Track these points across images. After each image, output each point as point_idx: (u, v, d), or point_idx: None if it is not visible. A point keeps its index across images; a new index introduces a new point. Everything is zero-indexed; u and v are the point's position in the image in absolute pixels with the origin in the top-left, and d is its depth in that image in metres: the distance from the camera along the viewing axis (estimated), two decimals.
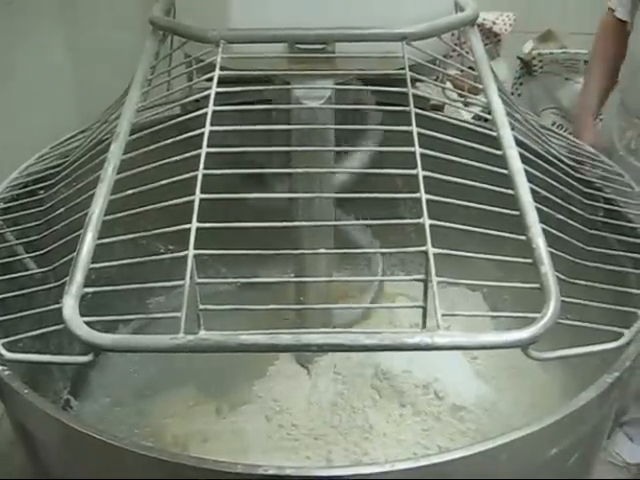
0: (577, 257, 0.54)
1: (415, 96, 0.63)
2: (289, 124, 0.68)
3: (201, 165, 0.54)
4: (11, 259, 0.63)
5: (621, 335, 0.48)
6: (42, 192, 0.69)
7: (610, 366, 0.51)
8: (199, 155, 0.54)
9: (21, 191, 0.72)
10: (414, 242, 0.49)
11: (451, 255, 0.50)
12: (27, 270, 0.63)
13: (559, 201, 0.59)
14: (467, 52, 0.74)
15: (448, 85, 0.97)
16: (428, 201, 0.52)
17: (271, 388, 0.78)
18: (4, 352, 0.48)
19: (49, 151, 0.79)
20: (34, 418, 0.51)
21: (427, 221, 0.50)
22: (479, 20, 1.56)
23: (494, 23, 1.51)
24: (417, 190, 0.52)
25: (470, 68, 0.71)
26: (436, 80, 0.83)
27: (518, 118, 0.69)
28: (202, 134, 0.56)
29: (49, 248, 0.59)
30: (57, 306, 0.47)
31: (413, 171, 0.53)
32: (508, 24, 1.51)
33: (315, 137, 0.70)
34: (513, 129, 0.65)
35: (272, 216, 0.55)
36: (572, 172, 0.66)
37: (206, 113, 0.57)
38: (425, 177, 0.54)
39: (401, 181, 0.68)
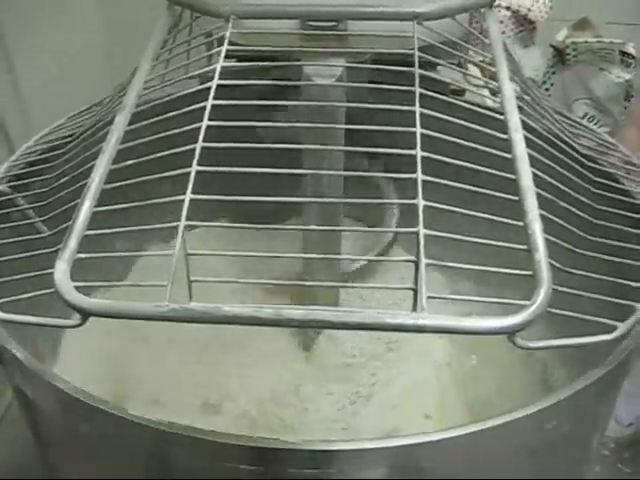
0: (579, 247, 0.53)
1: (433, 80, 0.62)
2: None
3: (200, 137, 0.54)
4: (20, 223, 0.65)
5: (615, 328, 0.47)
6: (54, 160, 0.70)
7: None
8: (199, 128, 0.54)
9: (36, 158, 0.73)
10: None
11: (446, 239, 0.49)
12: (38, 233, 0.64)
13: (565, 189, 0.57)
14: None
15: (473, 70, 0.95)
16: (425, 182, 0.51)
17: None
18: None
19: (65, 121, 0.80)
20: (26, 379, 0.53)
21: (421, 202, 0.49)
22: (514, 7, 1.55)
23: (529, 10, 1.47)
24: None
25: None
26: (458, 65, 0.82)
27: (534, 105, 0.68)
28: (204, 107, 0.56)
29: (51, 215, 0.60)
30: (50, 271, 0.48)
31: (412, 151, 0.53)
32: (544, 11, 1.47)
33: (325, 115, 0.70)
34: (526, 115, 0.65)
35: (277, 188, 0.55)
36: (585, 160, 0.64)
37: (210, 87, 0.57)
38: (427, 159, 0.54)
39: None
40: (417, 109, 0.55)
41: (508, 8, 1.50)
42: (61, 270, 0.47)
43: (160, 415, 0.49)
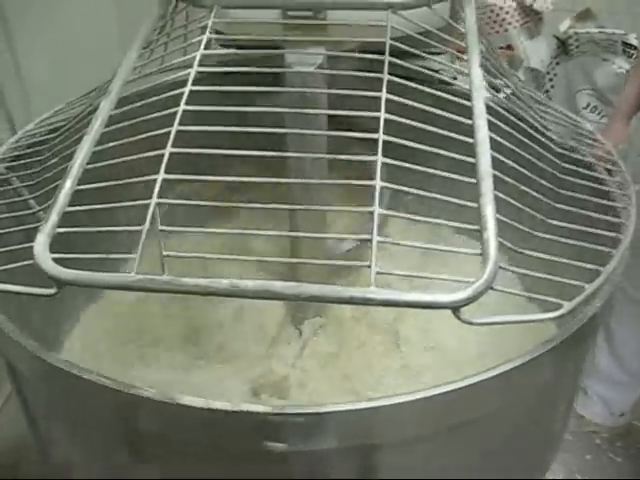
0: (536, 229, 0.55)
1: (421, 69, 0.65)
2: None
3: (176, 122, 0.57)
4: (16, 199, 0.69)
5: (561, 306, 0.49)
6: (49, 142, 0.73)
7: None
8: (175, 113, 0.57)
9: (34, 140, 0.77)
10: None
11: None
12: (30, 209, 0.68)
13: (527, 173, 0.59)
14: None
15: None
16: (385, 165, 0.53)
17: None
18: None
19: (65, 106, 0.83)
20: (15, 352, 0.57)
21: (379, 183, 0.52)
22: None
23: (534, 1, 1.47)
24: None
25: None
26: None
27: (505, 90, 0.70)
28: (182, 93, 0.59)
29: (39, 192, 0.64)
30: (31, 244, 0.51)
31: (374, 135, 0.55)
32: (549, 2, 1.48)
33: (307, 101, 0.73)
34: (498, 102, 0.67)
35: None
36: (552, 145, 0.66)
37: (189, 73, 0.60)
38: (391, 143, 0.56)
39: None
40: (383, 95, 0.58)
41: None
42: (40, 242, 0.51)
43: None
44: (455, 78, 0.85)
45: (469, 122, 0.58)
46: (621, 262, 0.56)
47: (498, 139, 0.58)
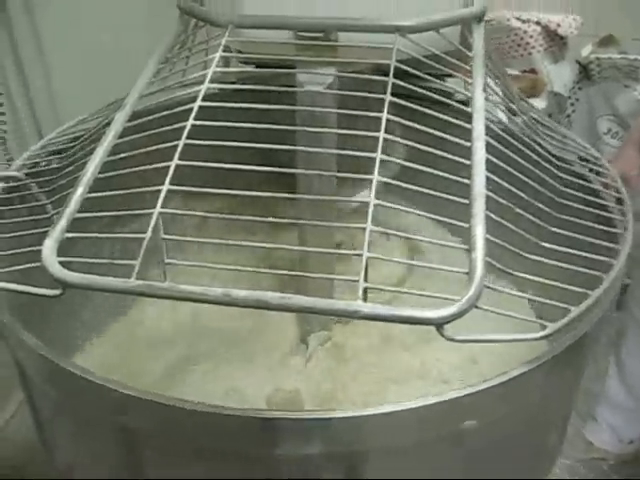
0: (527, 251, 0.56)
1: (438, 90, 0.67)
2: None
3: (184, 136, 0.59)
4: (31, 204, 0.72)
5: (544, 328, 0.50)
6: (68, 151, 0.77)
7: None
8: (184, 127, 0.60)
9: (54, 148, 0.81)
10: None
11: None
12: (46, 213, 0.71)
13: (524, 196, 0.60)
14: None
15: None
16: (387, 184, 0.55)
17: None
18: None
19: (87, 116, 0.87)
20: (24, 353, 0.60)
21: (373, 201, 0.53)
22: (544, 22, 1.56)
23: (559, 25, 1.48)
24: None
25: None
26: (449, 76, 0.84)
27: (507, 111, 0.71)
28: (191, 109, 0.62)
29: (55, 198, 0.67)
30: (39, 248, 0.54)
31: (373, 154, 0.57)
32: (574, 27, 1.48)
33: (317, 120, 0.75)
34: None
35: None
36: (553, 169, 0.67)
37: (200, 90, 0.63)
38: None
39: None
40: (384, 115, 0.59)
41: (538, 23, 1.52)
42: (48, 247, 0.54)
43: None
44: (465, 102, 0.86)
45: (468, 144, 0.60)
46: (612, 286, 0.57)
47: (499, 162, 0.60)
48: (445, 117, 0.62)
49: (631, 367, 1.22)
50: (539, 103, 1.51)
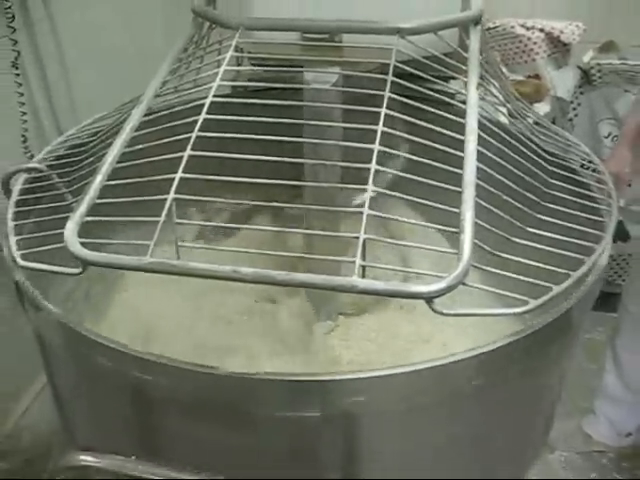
0: (514, 235, 0.60)
1: (439, 90, 0.71)
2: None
3: (196, 128, 0.64)
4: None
5: (526, 303, 0.54)
6: (87, 145, 0.81)
7: None
8: (196, 121, 0.65)
9: (75, 142, 0.86)
10: None
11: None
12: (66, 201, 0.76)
13: (512, 184, 0.64)
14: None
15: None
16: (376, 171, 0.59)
17: None
18: (19, 260, 0.60)
19: (107, 113, 0.92)
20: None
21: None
22: (547, 29, 1.59)
23: (562, 32, 1.52)
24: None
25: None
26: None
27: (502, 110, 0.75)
28: (203, 104, 0.66)
29: (74, 187, 0.72)
30: (61, 230, 0.59)
31: (372, 145, 0.61)
32: (577, 33, 1.52)
33: (323, 116, 0.79)
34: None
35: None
36: (543, 162, 0.71)
37: (211, 87, 0.68)
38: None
39: None
40: (383, 110, 0.64)
41: (542, 30, 1.56)
42: (70, 229, 0.58)
43: None
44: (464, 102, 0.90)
45: (461, 137, 0.64)
46: (594, 267, 0.60)
47: (491, 154, 0.64)
48: (441, 113, 0.66)
49: (627, 361, 1.25)
50: (543, 107, 1.55)
